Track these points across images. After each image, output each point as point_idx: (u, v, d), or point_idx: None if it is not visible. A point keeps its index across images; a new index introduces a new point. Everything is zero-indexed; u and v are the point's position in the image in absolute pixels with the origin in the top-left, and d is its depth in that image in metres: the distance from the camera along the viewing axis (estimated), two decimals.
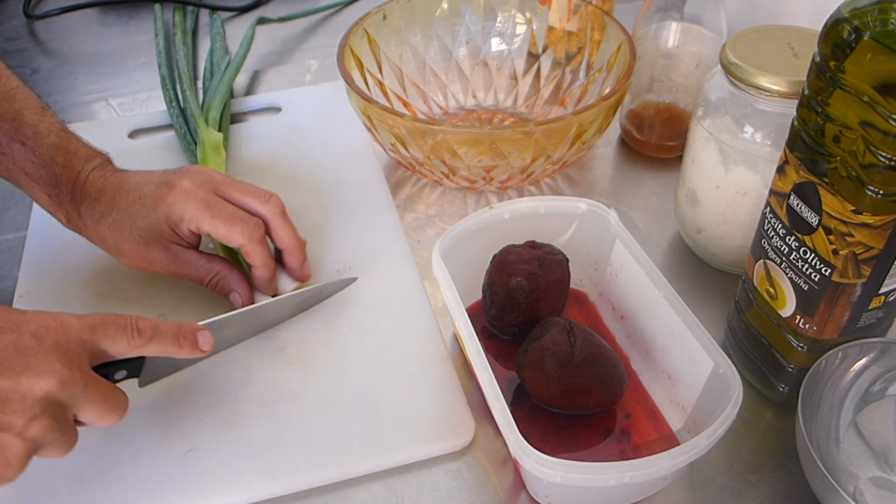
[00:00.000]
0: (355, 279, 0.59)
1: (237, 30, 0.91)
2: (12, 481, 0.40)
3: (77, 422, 0.43)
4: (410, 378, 0.53)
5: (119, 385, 0.45)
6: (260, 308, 0.54)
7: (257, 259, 0.54)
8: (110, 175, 0.55)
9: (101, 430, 0.50)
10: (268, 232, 0.56)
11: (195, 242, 0.56)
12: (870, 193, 0.39)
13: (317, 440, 0.50)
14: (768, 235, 0.47)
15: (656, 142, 0.71)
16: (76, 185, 0.55)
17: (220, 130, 0.70)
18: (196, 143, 0.69)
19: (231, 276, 0.56)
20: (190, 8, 0.93)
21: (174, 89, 0.77)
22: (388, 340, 0.55)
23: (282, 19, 0.93)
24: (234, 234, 0.53)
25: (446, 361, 0.54)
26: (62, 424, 0.41)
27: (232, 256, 0.59)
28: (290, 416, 0.51)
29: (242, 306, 0.55)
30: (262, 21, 0.91)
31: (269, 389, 0.53)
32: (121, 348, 0.44)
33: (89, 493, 0.47)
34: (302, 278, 0.57)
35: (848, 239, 0.41)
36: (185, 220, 0.53)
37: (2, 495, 0.47)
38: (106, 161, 0.57)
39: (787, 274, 0.46)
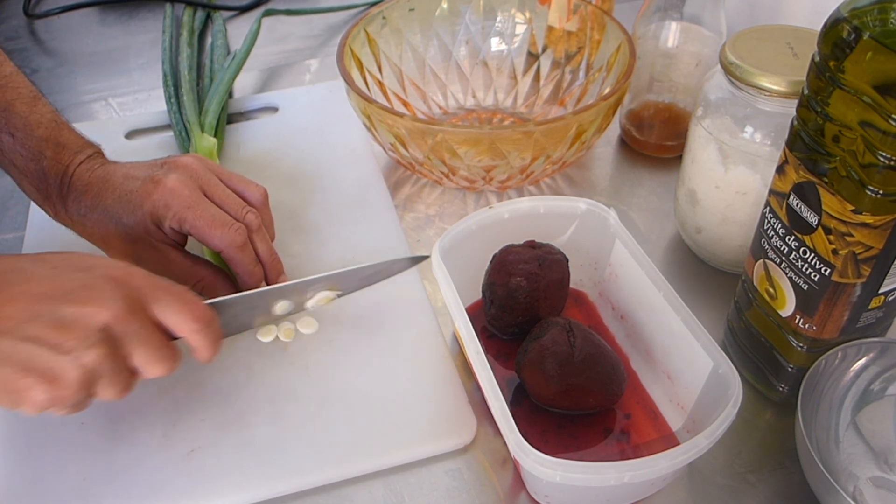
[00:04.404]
0: (427, 257, 0.55)
1: (237, 29, 0.91)
2: (67, 408, 0.42)
3: (131, 373, 0.44)
4: (411, 377, 0.53)
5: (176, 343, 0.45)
6: (322, 279, 0.53)
7: (238, 266, 0.53)
8: (98, 168, 0.55)
9: (104, 431, 0.50)
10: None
11: (181, 241, 0.55)
12: (869, 193, 0.39)
13: (319, 440, 0.50)
14: (768, 235, 0.47)
15: (656, 141, 0.71)
16: (63, 178, 0.54)
17: (215, 134, 0.70)
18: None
19: (216, 281, 0.55)
20: (199, 8, 0.92)
21: (175, 86, 0.77)
22: (389, 340, 0.55)
23: (289, 12, 0.93)
24: (213, 238, 0.52)
25: (447, 360, 0.54)
26: (115, 361, 0.42)
27: (218, 259, 0.58)
28: (292, 415, 0.51)
29: None
30: (270, 13, 0.91)
31: (270, 389, 0.53)
32: (175, 323, 0.44)
33: (92, 493, 0.47)
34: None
35: (847, 239, 0.41)
36: (168, 218, 0.52)
37: (8, 494, 0.47)
38: (96, 153, 0.56)
39: (786, 274, 0.46)
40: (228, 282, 0.56)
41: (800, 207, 0.43)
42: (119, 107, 0.81)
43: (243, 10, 0.96)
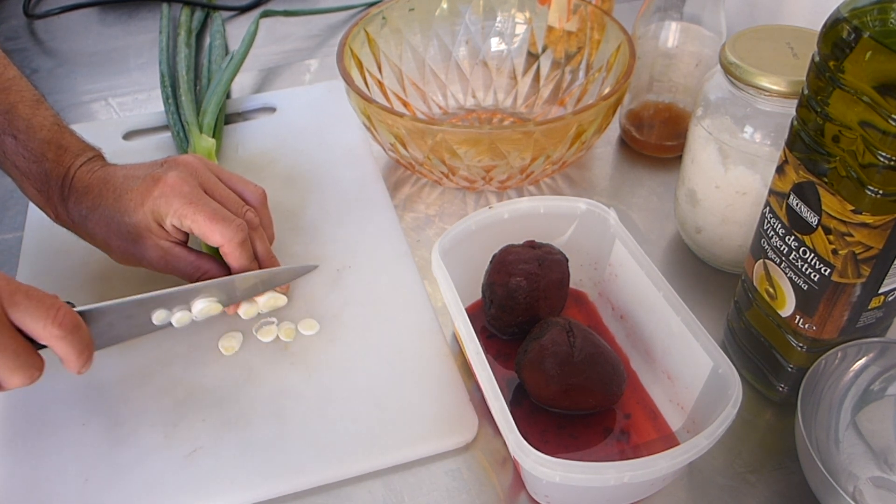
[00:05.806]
0: (316, 266, 0.59)
1: (237, 29, 0.91)
2: None
3: None
4: (412, 376, 0.53)
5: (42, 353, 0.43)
6: (201, 287, 0.52)
7: (234, 262, 0.53)
8: (98, 170, 0.55)
9: (105, 432, 0.50)
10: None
11: (182, 239, 0.55)
12: (869, 193, 0.39)
13: (319, 439, 0.50)
14: (768, 235, 0.47)
15: (656, 141, 0.71)
16: (65, 180, 0.54)
17: (213, 134, 0.70)
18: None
19: (220, 275, 0.55)
20: (197, 8, 0.92)
21: (172, 86, 0.77)
22: (390, 339, 0.55)
23: (287, 13, 0.93)
24: (213, 234, 0.52)
25: (447, 358, 0.54)
26: None
27: (216, 253, 0.57)
28: (293, 415, 0.51)
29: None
30: (267, 14, 0.91)
31: (271, 389, 0.53)
32: (34, 329, 0.42)
33: (94, 494, 0.47)
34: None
35: (847, 239, 0.41)
36: (169, 214, 0.52)
37: (9, 496, 0.47)
38: (97, 156, 0.57)
39: (786, 274, 0.46)
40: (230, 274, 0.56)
41: (800, 207, 0.43)
42: (119, 107, 0.81)
43: (242, 10, 0.96)
